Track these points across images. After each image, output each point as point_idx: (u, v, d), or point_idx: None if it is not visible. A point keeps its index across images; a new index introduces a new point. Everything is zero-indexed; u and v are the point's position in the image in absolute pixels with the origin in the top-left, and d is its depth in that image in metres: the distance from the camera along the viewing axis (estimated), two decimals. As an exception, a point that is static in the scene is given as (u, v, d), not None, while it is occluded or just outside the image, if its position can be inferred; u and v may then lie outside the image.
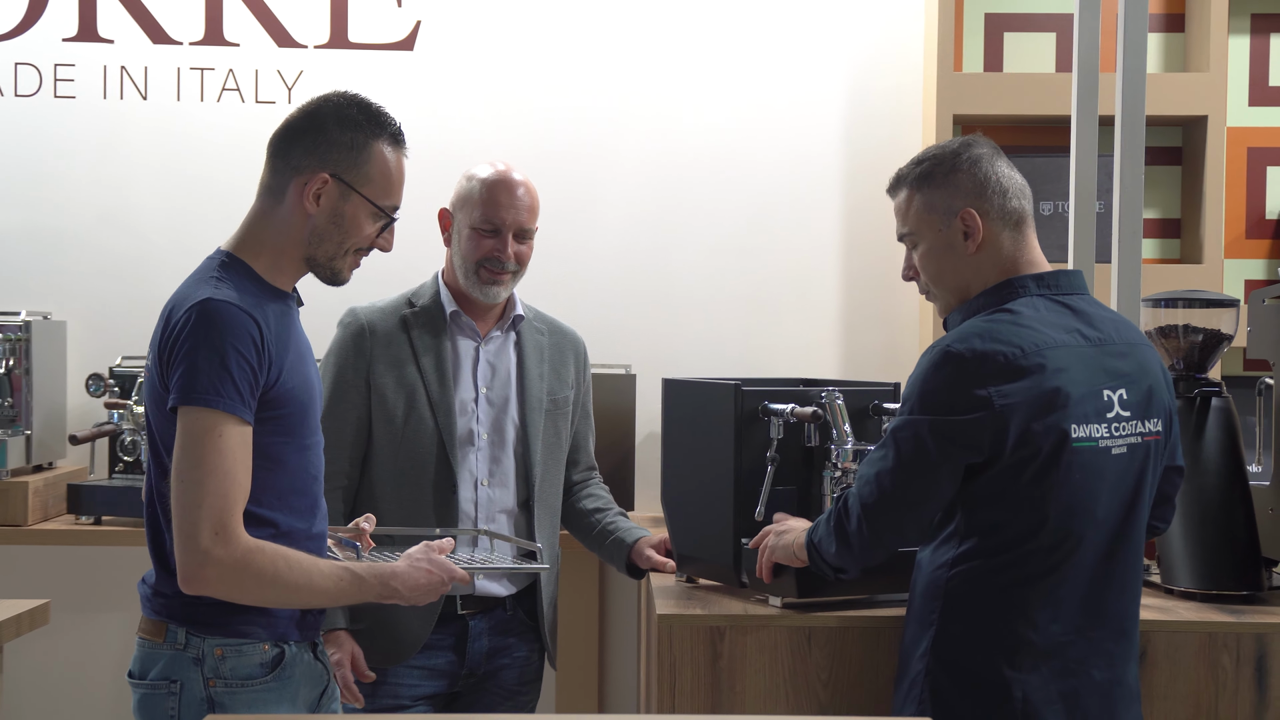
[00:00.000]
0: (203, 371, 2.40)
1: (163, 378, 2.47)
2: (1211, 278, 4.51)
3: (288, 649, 2.57)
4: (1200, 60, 4.62)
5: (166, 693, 2.51)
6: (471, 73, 4.76)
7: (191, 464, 2.39)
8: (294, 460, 2.56)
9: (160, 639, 2.53)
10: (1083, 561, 2.66)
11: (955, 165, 2.77)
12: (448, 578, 2.65)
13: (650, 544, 3.47)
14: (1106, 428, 2.66)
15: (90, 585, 4.68)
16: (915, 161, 2.84)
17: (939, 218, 2.77)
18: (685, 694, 3.00)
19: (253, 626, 2.52)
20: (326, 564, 2.53)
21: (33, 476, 4.32)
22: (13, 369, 4.36)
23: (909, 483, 2.67)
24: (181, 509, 2.39)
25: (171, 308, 2.52)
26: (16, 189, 4.74)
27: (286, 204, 2.58)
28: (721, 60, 4.78)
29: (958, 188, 2.76)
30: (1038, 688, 2.64)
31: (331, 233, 2.59)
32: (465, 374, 3.44)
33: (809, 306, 4.77)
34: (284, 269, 2.61)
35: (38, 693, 4.72)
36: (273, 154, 2.61)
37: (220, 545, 2.38)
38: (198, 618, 2.51)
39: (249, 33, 4.74)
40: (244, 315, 2.45)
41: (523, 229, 3.43)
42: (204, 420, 2.39)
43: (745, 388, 3.19)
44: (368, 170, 2.61)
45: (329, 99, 2.65)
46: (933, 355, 2.68)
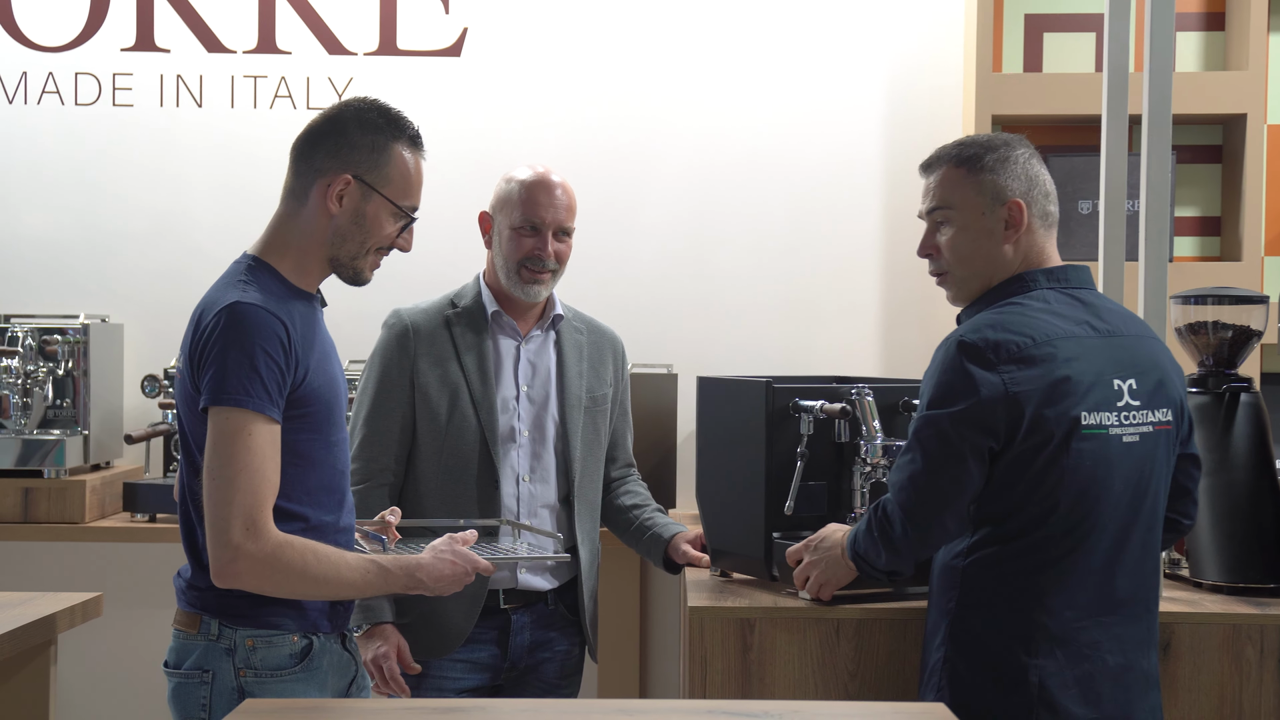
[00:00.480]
0: (232, 373, 2.47)
1: (194, 379, 2.55)
2: (1251, 275, 4.52)
3: (316, 640, 2.64)
4: (1240, 59, 4.63)
5: (199, 682, 2.59)
6: (517, 78, 4.84)
7: (222, 462, 2.46)
8: (321, 456, 2.64)
9: (194, 630, 2.61)
10: (1096, 548, 2.70)
11: (1009, 156, 2.83)
12: (471, 568, 2.72)
13: (686, 539, 3.53)
14: (1116, 416, 2.71)
15: (144, 581, 4.78)
16: (960, 145, 2.88)
17: (986, 201, 2.82)
18: (716, 685, 3.06)
19: (282, 618, 2.60)
20: (354, 556, 2.60)
21: (90, 475, 4.43)
22: (71, 371, 4.48)
23: (941, 479, 2.71)
24: (213, 505, 2.47)
25: (201, 311, 2.60)
26: (76, 196, 4.86)
27: (310, 206, 2.65)
28: (761, 63, 4.84)
29: (1012, 177, 2.81)
30: (1053, 673, 2.68)
31: (354, 233, 2.66)
32: (507, 372, 3.52)
33: (849, 307, 4.82)
34: (308, 270, 2.68)
35: (92, 684, 4.83)
36: (296, 158, 2.70)
37: (251, 540, 2.45)
38: (230, 610, 2.58)
39: (301, 41, 4.84)
40: (271, 317, 2.53)
41: (562, 227, 3.50)
42: (234, 420, 2.47)
43: (776, 385, 3.25)
44: (388, 171, 2.67)
45: (350, 104, 2.72)
46: (946, 348, 2.74)
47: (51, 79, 4.84)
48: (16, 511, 4.31)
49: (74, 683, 4.76)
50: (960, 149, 2.86)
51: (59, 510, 4.32)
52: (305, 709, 2.37)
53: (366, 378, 3.50)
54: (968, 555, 2.75)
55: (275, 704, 2.43)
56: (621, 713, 2.32)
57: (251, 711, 2.30)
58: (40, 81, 4.84)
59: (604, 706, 2.39)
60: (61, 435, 4.40)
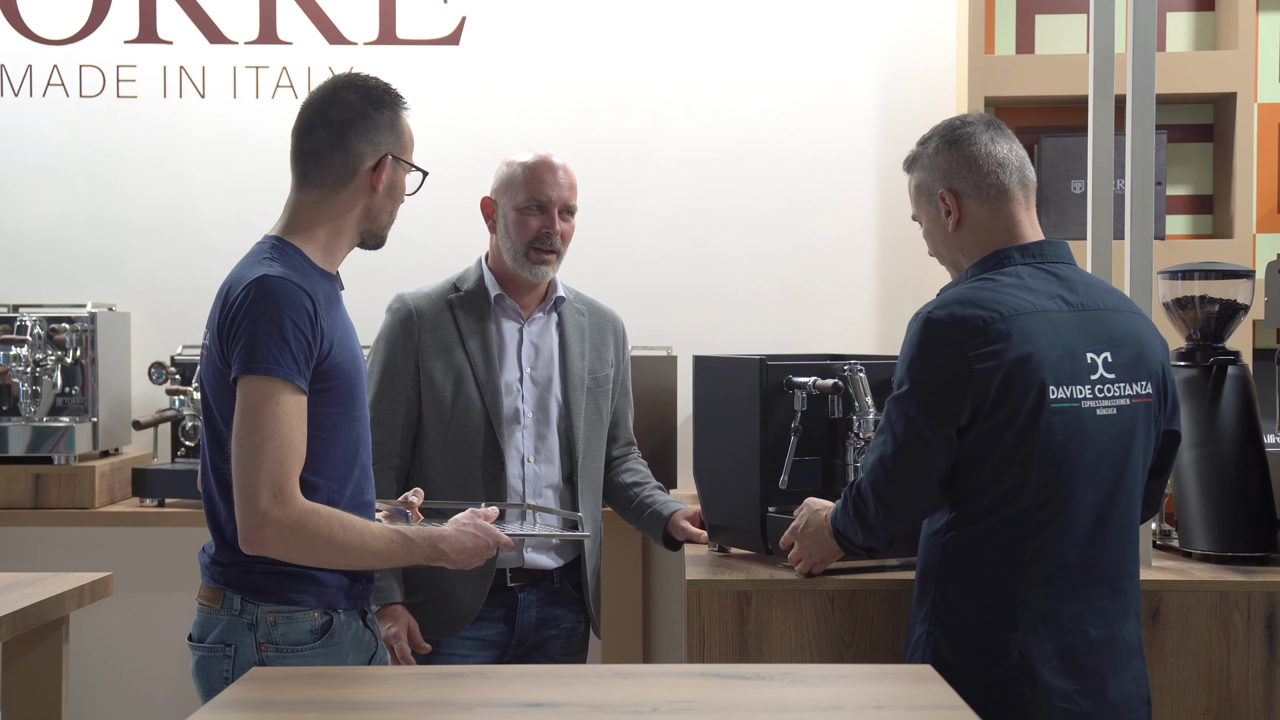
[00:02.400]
0: (262, 343, 2.54)
1: (223, 353, 2.61)
2: (1243, 252, 4.57)
3: (336, 617, 2.69)
4: (1229, 38, 4.68)
5: (222, 655, 2.65)
6: (515, 66, 4.89)
7: (251, 430, 2.52)
8: (345, 431, 2.70)
9: (217, 605, 2.66)
10: (1073, 521, 2.72)
11: (938, 147, 2.89)
12: (493, 542, 2.77)
13: (685, 516, 3.58)
14: (1090, 389, 2.73)
15: (153, 564, 4.85)
16: (915, 145, 2.98)
17: (925, 198, 2.93)
18: (714, 655, 3.11)
19: (304, 595, 2.65)
20: (379, 526, 2.66)
21: (100, 461, 4.50)
22: (80, 359, 4.54)
23: (909, 461, 2.74)
24: (241, 472, 2.53)
25: (228, 287, 2.66)
26: (82, 186, 4.93)
27: (350, 190, 2.74)
28: (757, 48, 4.89)
29: (936, 170, 2.89)
30: (1033, 646, 2.71)
31: (387, 205, 2.79)
32: (510, 355, 3.56)
33: (846, 287, 4.87)
34: (335, 250, 2.77)
35: (103, 666, 4.90)
36: (320, 147, 2.75)
37: (278, 507, 2.51)
38: (252, 585, 2.64)
39: (301, 31, 4.90)
40: (298, 290, 2.60)
41: (567, 205, 3.55)
42: (263, 388, 2.53)
43: (770, 362, 3.30)
44: (404, 139, 2.81)
45: (348, 86, 2.79)
46: (915, 323, 2.78)
47: (56, 71, 4.90)
48: (27, 497, 4.38)
49: (86, 664, 4.83)
50: (910, 154, 2.98)
51: (69, 496, 4.39)
52: (309, 676, 2.43)
53: (371, 362, 3.53)
54: (946, 531, 2.78)
55: (280, 671, 2.49)
56: (617, 676, 2.38)
57: (257, 679, 2.36)
58: (45, 74, 4.90)
59: (600, 670, 2.45)
60: (71, 422, 4.47)
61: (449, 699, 2.27)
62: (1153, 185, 3.39)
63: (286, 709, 2.22)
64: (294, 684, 2.37)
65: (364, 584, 2.77)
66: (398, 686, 2.35)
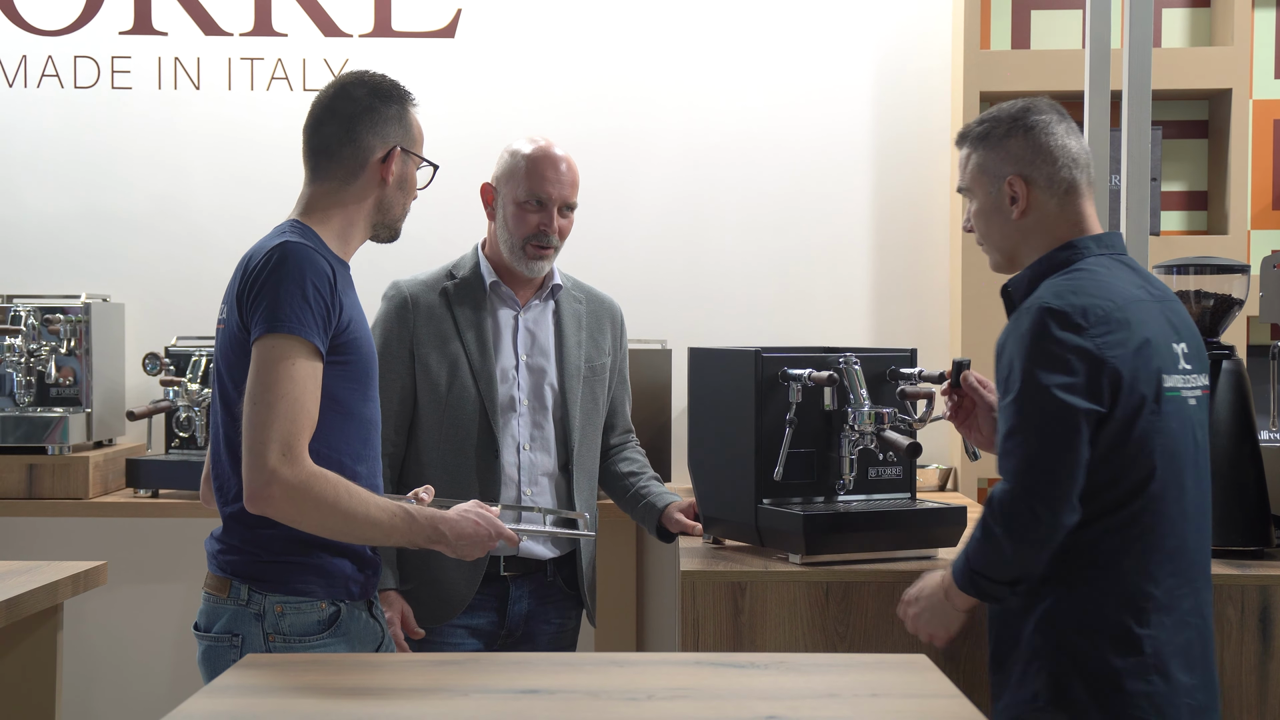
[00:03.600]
0: (285, 302, 2.55)
1: (242, 320, 2.62)
2: (1237, 248, 4.58)
3: (344, 607, 2.69)
4: (1225, 34, 4.69)
5: (229, 645, 2.64)
6: (510, 59, 4.89)
7: (264, 387, 2.53)
8: (360, 410, 2.71)
9: (225, 594, 2.66)
10: (1184, 512, 2.70)
11: (1010, 131, 2.83)
12: (495, 533, 2.76)
13: (679, 508, 3.58)
14: (1181, 378, 2.72)
15: (147, 555, 4.86)
16: (979, 120, 2.91)
17: (989, 180, 2.85)
18: (708, 647, 3.11)
19: (311, 585, 2.66)
20: (384, 499, 2.66)
21: (93, 452, 4.50)
22: (74, 349, 4.54)
23: (1062, 451, 2.63)
24: (252, 429, 2.53)
25: (249, 256, 2.68)
26: (76, 177, 4.92)
27: (361, 182, 2.77)
28: (752, 44, 4.90)
29: (1008, 153, 2.82)
30: (1165, 641, 2.67)
31: (399, 197, 2.81)
32: (506, 342, 3.54)
33: (840, 281, 4.88)
34: (350, 240, 2.79)
35: (97, 656, 4.90)
36: (332, 142, 2.77)
37: (286, 465, 2.50)
38: (261, 575, 2.64)
39: (296, 23, 4.89)
40: (320, 257, 2.63)
41: (567, 203, 3.53)
42: (280, 346, 2.54)
43: (765, 354, 3.30)
44: (413, 134, 2.84)
45: (357, 82, 2.82)
46: (1031, 316, 2.67)
47: (51, 62, 4.90)
48: (21, 488, 4.37)
49: (79, 655, 4.83)
50: (975, 126, 2.89)
51: (63, 486, 4.38)
52: (305, 662, 2.43)
53: None
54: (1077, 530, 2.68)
55: (276, 657, 2.49)
56: (613, 664, 2.39)
57: (253, 665, 2.36)
58: (40, 65, 4.90)
59: (596, 659, 2.45)
60: (65, 413, 4.46)
61: (445, 685, 2.27)
62: (1148, 181, 3.41)
63: (282, 694, 2.22)
64: (290, 670, 2.37)
65: (370, 574, 2.77)
66: (394, 673, 2.35)
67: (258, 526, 2.62)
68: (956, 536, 3.29)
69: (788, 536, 3.20)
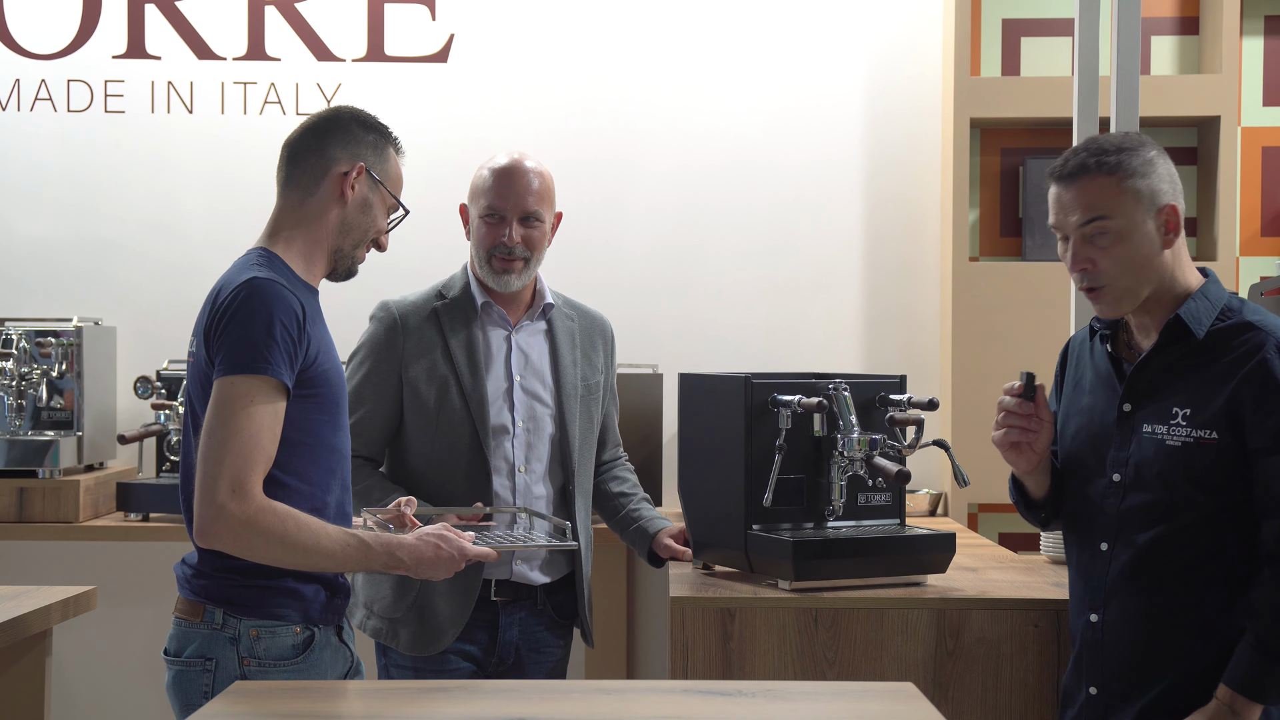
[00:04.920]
0: (250, 340, 2.56)
1: (209, 356, 2.62)
2: (1227, 275, 4.59)
3: (317, 632, 2.69)
4: (1213, 62, 4.72)
5: (201, 670, 2.64)
6: (503, 83, 4.91)
7: (220, 423, 2.54)
8: (328, 438, 2.71)
9: (197, 618, 2.65)
10: None
11: (1151, 159, 2.70)
12: (459, 555, 2.75)
13: (670, 534, 3.56)
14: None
15: (138, 578, 4.84)
16: (1098, 149, 2.71)
17: (1144, 209, 2.68)
18: (698, 673, 3.11)
19: (286, 609, 2.65)
20: (335, 529, 2.65)
21: (84, 475, 4.49)
22: (65, 373, 4.55)
23: None
24: (204, 464, 2.54)
25: (217, 290, 2.68)
26: (69, 200, 4.93)
27: (320, 195, 2.78)
28: (744, 66, 4.92)
29: (1160, 180, 2.70)
30: None
31: (359, 221, 2.80)
32: (498, 363, 3.50)
33: (831, 307, 4.89)
34: (315, 261, 2.79)
35: (87, 681, 4.89)
36: (302, 150, 2.81)
37: (235, 501, 2.51)
38: (235, 598, 2.64)
39: (289, 47, 4.91)
40: (288, 293, 2.62)
41: (528, 213, 3.46)
42: (240, 385, 2.55)
43: (755, 380, 3.31)
44: (386, 167, 2.84)
45: (342, 107, 2.88)
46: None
47: (44, 86, 4.91)
48: (12, 511, 4.37)
49: (69, 679, 4.82)
50: (1102, 155, 2.70)
51: (54, 510, 4.38)
52: (292, 689, 2.43)
53: (353, 369, 3.48)
54: None
55: (263, 685, 2.49)
56: (600, 692, 2.39)
57: (240, 692, 2.36)
58: (33, 89, 4.91)
59: (584, 686, 2.46)
60: (56, 436, 4.47)
61: (433, 714, 2.27)
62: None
63: (270, 723, 2.22)
64: (277, 697, 2.37)
65: (341, 599, 2.77)
66: (381, 701, 2.36)
67: (235, 558, 2.61)
68: (945, 563, 3.30)
69: (777, 562, 3.20)
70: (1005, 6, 4.88)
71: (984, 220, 4.88)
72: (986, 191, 4.87)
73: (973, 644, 3.11)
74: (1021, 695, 3.11)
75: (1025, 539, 4.67)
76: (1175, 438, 2.67)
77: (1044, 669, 3.10)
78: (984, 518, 4.83)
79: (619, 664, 4.61)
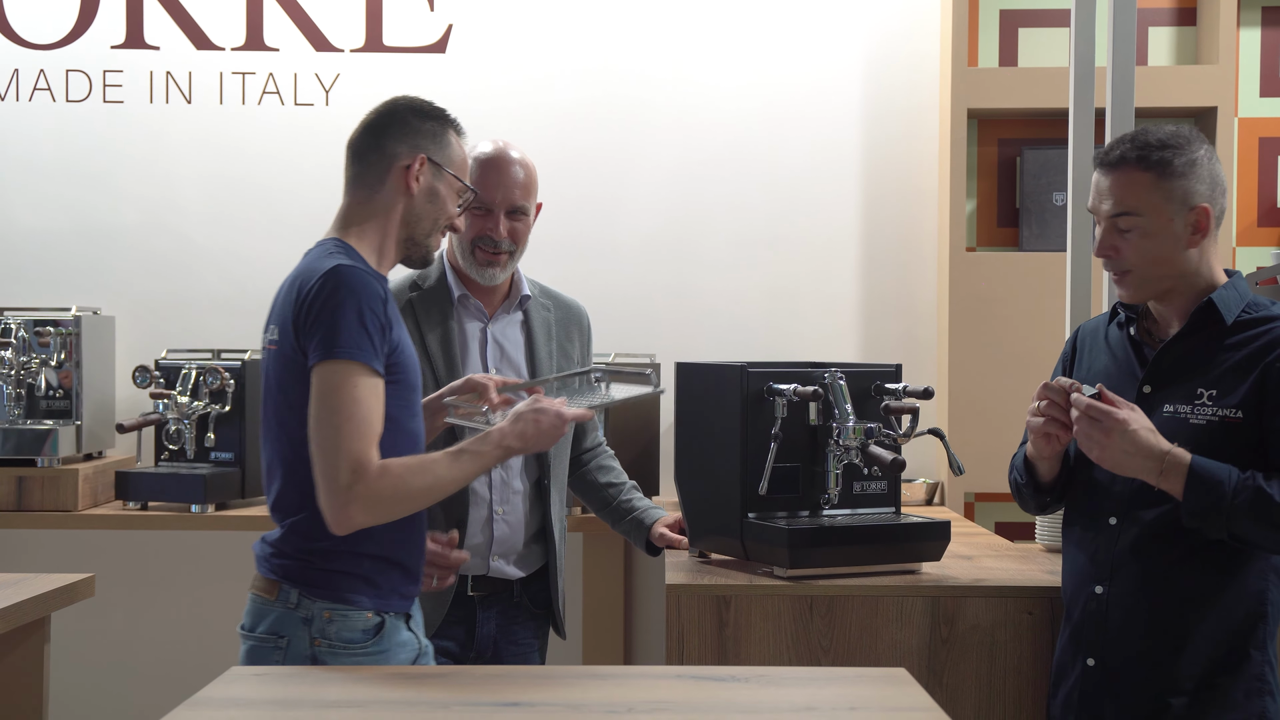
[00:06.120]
0: (343, 329, 2.59)
1: (298, 343, 2.65)
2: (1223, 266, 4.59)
3: (388, 619, 2.73)
4: (1210, 53, 4.72)
5: (274, 646, 2.68)
6: (501, 73, 4.92)
7: (329, 411, 2.58)
8: (407, 425, 2.76)
9: (272, 596, 2.70)
10: None
11: (1195, 158, 2.75)
12: (559, 419, 2.82)
13: (666, 523, 3.58)
14: None
15: (136, 567, 4.88)
16: (1143, 144, 2.77)
17: (1174, 207, 2.73)
18: (693, 660, 3.12)
19: (360, 595, 2.69)
20: (442, 456, 2.72)
21: (83, 464, 4.51)
22: (64, 362, 4.56)
23: None
24: (321, 454, 2.58)
25: (299, 280, 2.70)
26: (68, 190, 4.95)
27: (386, 189, 2.80)
28: (740, 59, 4.93)
29: (1198, 181, 2.75)
30: None
31: (428, 210, 2.83)
32: (473, 354, 3.48)
33: (828, 297, 4.90)
34: (386, 254, 2.82)
35: (86, 668, 4.91)
36: (364, 149, 2.83)
37: (359, 483, 2.56)
38: (311, 580, 2.68)
39: (288, 38, 4.92)
40: (372, 279, 2.66)
41: (515, 206, 3.44)
42: (342, 372, 2.59)
43: (751, 369, 3.32)
44: (449, 153, 2.86)
45: (398, 99, 2.89)
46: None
47: (43, 76, 4.92)
48: (11, 500, 4.38)
49: (68, 666, 4.83)
50: (1145, 150, 2.76)
51: (52, 498, 4.40)
52: (288, 674, 2.44)
53: None
54: None
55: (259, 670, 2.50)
56: (594, 677, 2.40)
57: (236, 677, 2.38)
58: (32, 79, 4.92)
59: (577, 672, 2.47)
60: (55, 425, 4.48)
61: (426, 699, 2.29)
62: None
63: (265, 707, 2.23)
64: (273, 682, 2.38)
65: (412, 586, 2.81)
66: (375, 686, 2.37)
67: (317, 540, 2.66)
68: (940, 551, 3.31)
69: (772, 550, 3.21)
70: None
71: (981, 210, 4.88)
72: (984, 181, 4.88)
73: (967, 631, 3.13)
74: (1016, 681, 3.13)
75: (1021, 528, 4.69)
76: (1200, 417, 2.72)
77: (1038, 655, 3.12)
78: (980, 507, 4.84)
79: (617, 653, 4.62)
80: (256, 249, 4.86)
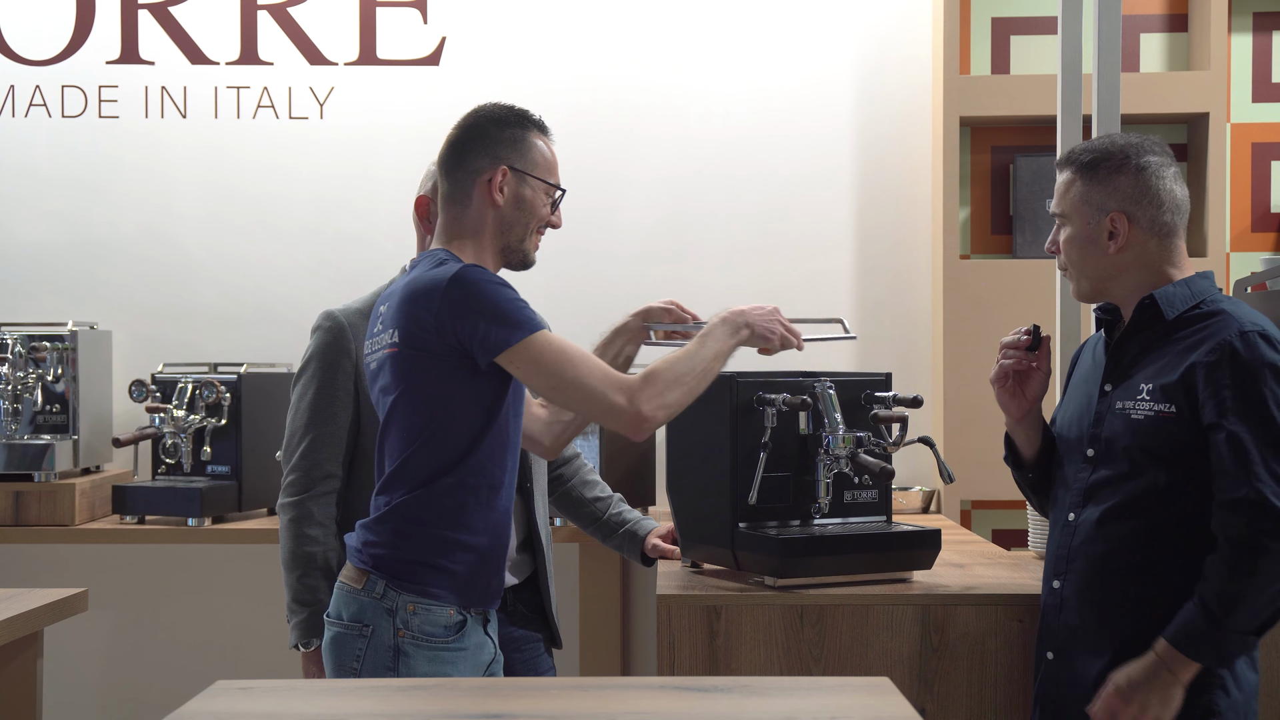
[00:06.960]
0: (508, 312, 2.67)
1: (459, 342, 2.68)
2: (1217, 271, 4.59)
3: (469, 618, 2.78)
4: (1202, 59, 4.73)
5: (358, 634, 2.75)
6: (494, 85, 4.93)
7: (559, 371, 2.67)
8: (511, 425, 2.81)
9: (360, 586, 2.76)
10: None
11: (1120, 167, 2.82)
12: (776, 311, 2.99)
13: (659, 534, 3.59)
14: None
15: (132, 581, 4.89)
16: (1086, 148, 2.89)
17: (1091, 211, 2.83)
18: (684, 670, 3.14)
19: (445, 590, 2.74)
20: (690, 343, 2.85)
21: (80, 479, 4.52)
22: (61, 377, 4.57)
23: None
24: (587, 404, 2.70)
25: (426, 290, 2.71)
26: (64, 205, 4.96)
27: (474, 204, 2.85)
28: (733, 66, 4.94)
29: (1115, 189, 2.82)
30: None
31: (518, 218, 2.87)
32: None
33: (822, 304, 4.89)
34: (486, 263, 2.86)
35: (80, 681, 4.92)
36: (450, 166, 2.87)
37: (635, 400, 2.68)
38: (398, 573, 2.74)
39: (282, 52, 4.94)
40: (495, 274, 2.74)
41: None
42: (537, 346, 2.67)
43: (740, 378, 3.33)
44: (533, 156, 2.90)
45: (478, 110, 2.94)
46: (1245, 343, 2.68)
47: (39, 91, 4.94)
48: (8, 514, 4.40)
49: (62, 680, 4.85)
50: (1081, 154, 2.88)
51: (49, 513, 4.41)
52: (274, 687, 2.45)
53: (305, 384, 3.34)
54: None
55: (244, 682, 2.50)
56: (577, 688, 2.41)
57: (222, 690, 2.38)
58: (27, 94, 4.94)
59: (560, 683, 2.47)
60: (52, 440, 4.50)
61: (411, 711, 2.29)
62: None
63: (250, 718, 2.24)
64: (258, 695, 2.39)
65: (497, 585, 2.84)
66: (359, 698, 2.37)
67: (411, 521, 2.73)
68: (930, 559, 3.32)
69: (763, 559, 3.22)
70: (994, 5, 4.90)
71: (975, 218, 4.89)
72: (977, 189, 4.88)
73: (957, 639, 3.13)
74: (1006, 690, 3.13)
75: (1017, 535, 4.69)
76: (1139, 412, 2.78)
77: (1028, 664, 3.12)
78: (977, 514, 4.85)
79: (613, 664, 4.63)
80: (252, 263, 4.88)
